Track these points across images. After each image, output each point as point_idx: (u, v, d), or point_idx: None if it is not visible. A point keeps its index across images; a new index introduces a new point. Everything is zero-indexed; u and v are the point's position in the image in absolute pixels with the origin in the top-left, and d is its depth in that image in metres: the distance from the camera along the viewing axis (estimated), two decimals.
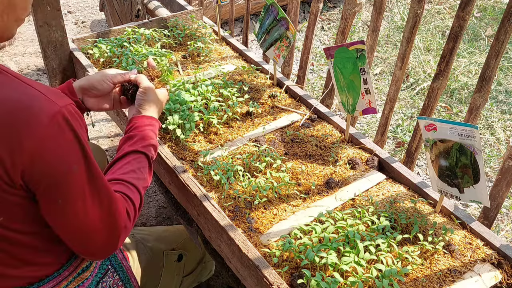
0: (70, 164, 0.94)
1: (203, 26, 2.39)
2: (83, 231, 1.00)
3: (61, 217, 0.97)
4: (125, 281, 1.30)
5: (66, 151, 0.93)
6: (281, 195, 1.46)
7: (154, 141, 1.29)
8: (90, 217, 0.99)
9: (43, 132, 0.89)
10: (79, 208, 0.97)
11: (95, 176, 0.99)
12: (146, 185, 1.22)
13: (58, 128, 0.91)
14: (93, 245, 1.04)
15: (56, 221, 0.99)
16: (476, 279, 1.22)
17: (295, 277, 1.18)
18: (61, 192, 0.94)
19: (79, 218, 0.98)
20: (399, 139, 3.05)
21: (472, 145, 1.20)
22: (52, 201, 0.95)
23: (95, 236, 1.02)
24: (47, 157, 0.90)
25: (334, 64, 1.55)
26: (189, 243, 1.72)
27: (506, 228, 2.48)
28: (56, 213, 0.97)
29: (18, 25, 0.98)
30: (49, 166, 0.91)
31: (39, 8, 2.00)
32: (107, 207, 1.02)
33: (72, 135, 0.93)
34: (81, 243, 1.03)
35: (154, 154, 1.30)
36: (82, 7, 4.69)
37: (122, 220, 1.06)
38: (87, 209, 0.98)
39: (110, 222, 1.03)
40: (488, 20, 4.19)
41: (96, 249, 1.05)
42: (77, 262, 1.13)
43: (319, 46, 4.06)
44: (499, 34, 1.37)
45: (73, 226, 0.99)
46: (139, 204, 1.16)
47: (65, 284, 1.11)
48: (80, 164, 0.95)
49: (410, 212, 1.38)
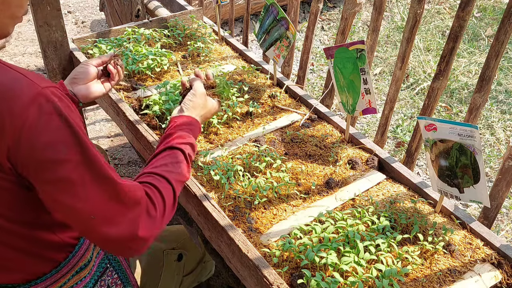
0: (58, 149, 0.89)
1: (203, 26, 2.39)
2: (85, 219, 0.94)
3: (58, 204, 0.93)
4: (123, 280, 1.30)
5: (52, 136, 0.88)
6: (281, 195, 1.46)
7: (191, 140, 1.25)
8: (90, 204, 0.93)
9: (24, 113, 0.85)
10: (75, 196, 0.92)
11: (92, 162, 0.93)
12: (180, 179, 1.15)
13: (40, 111, 0.87)
14: (104, 233, 0.96)
15: (55, 209, 0.95)
16: (476, 279, 1.22)
17: (295, 277, 1.18)
18: (52, 178, 0.90)
19: (77, 206, 0.92)
20: (399, 139, 3.05)
21: (472, 145, 1.20)
22: (45, 187, 0.91)
23: (104, 224, 0.95)
24: (32, 141, 0.86)
25: (334, 64, 1.55)
26: (189, 242, 1.72)
27: (506, 228, 2.48)
28: (52, 200, 0.93)
29: (14, 22, 0.98)
30: (34, 150, 0.87)
31: (39, 8, 2.00)
32: (111, 193, 0.96)
33: (58, 119, 0.89)
34: (89, 231, 0.97)
35: (192, 153, 1.25)
36: (82, 7, 4.69)
37: (139, 208, 1.00)
38: (85, 196, 0.93)
39: (119, 209, 0.97)
40: (488, 20, 4.19)
41: (109, 238, 0.97)
42: (75, 260, 1.13)
43: (319, 46, 4.06)
44: (499, 34, 1.37)
45: (73, 215, 0.94)
46: (171, 195, 1.10)
47: (63, 282, 1.11)
48: (71, 149, 0.90)
49: (410, 212, 1.38)
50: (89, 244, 1.17)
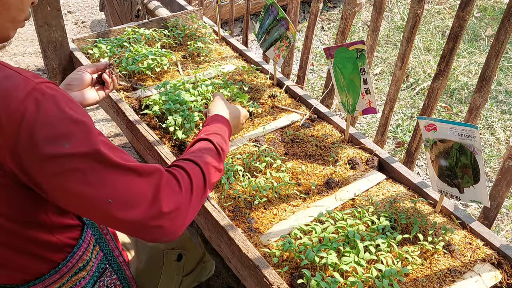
0: (62, 142, 0.86)
1: (203, 26, 2.39)
2: (103, 206, 0.91)
3: (72, 196, 0.90)
4: (122, 281, 1.30)
5: (53, 129, 0.85)
6: (281, 195, 1.46)
7: (219, 131, 1.28)
8: (105, 188, 0.91)
9: (21, 108, 0.84)
10: (88, 184, 0.89)
11: (99, 148, 0.90)
12: (209, 162, 1.15)
13: (37, 104, 0.85)
14: (128, 216, 0.93)
15: (69, 203, 0.92)
16: (476, 279, 1.22)
17: (295, 277, 1.18)
18: (60, 170, 0.87)
19: (91, 194, 0.90)
20: (399, 139, 3.05)
21: (472, 145, 1.20)
22: (54, 181, 0.88)
23: (124, 205, 0.92)
24: (32, 135, 0.84)
25: (334, 64, 1.55)
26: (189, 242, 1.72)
27: (506, 228, 2.48)
28: (64, 193, 0.90)
29: (15, 26, 0.97)
30: (36, 145, 0.85)
31: (39, 8, 2.00)
32: (125, 171, 0.93)
33: (57, 111, 0.87)
34: (111, 218, 0.94)
35: (223, 144, 1.25)
36: (82, 7, 4.69)
37: (156, 177, 0.97)
38: (98, 181, 0.90)
39: (135, 183, 0.94)
40: (488, 20, 4.19)
41: (133, 219, 0.93)
42: (74, 261, 1.13)
43: (319, 46, 4.06)
44: (499, 34, 1.37)
45: (90, 203, 0.91)
46: (199, 174, 1.09)
47: (61, 282, 1.11)
48: (75, 141, 0.87)
49: (410, 212, 1.38)
50: (88, 245, 1.17)
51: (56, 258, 1.09)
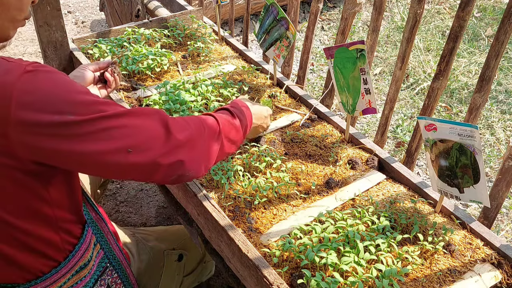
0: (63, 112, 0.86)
1: (203, 26, 2.39)
2: (123, 157, 0.94)
3: (89, 157, 0.91)
4: (123, 279, 1.30)
5: (48, 100, 0.86)
6: (281, 195, 1.46)
7: (241, 104, 1.33)
8: (119, 140, 0.93)
9: (14, 85, 0.84)
10: (99, 141, 0.91)
11: (107, 103, 0.93)
12: (224, 117, 1.20)
13: (30, 78, 0.85)
14: (151, 156, 0.97)
15: (86, 165, 0.94)
16: (476, 279, 1.22)
17: (295, 277, 1.18)
18: (67, 134, 0.88)
19: (108, 149, 0.92)
20: (399, 139, 3.05)
21: (472, 145, 1.20)
22: (63, 145, 0.89)
23: (142, 147, 0.96)
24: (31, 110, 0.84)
25: (334, 64, 1.55)
26: (189, 243, 1.72)
27: (506, 228, 2.48)
28: (78, 157, 0.91)
29: (14, 26, 0.97)
30: (38, 112, 0.85)
31: (39, 8, 2.00)
32: (129, 120, 0.96)
33: (51, 79, 0.87)
34: (133, 167, 0.97)
35: (244, 115, 1.30)
36: (82, 7, 4.69)
37: (157, 114, 1.01)
38: (109, 136, 0.92)
39: (143, 124, 0.97)
40: (488, 20, 4.19)
41: (156, 156, 0.97)
42: (75, 260, 1.13)
43: (319, 46, 4.06)
44: (499, 34, 1.37)
45: (109, 160, 0.93)
46: (212, 120, 1.15)
47: (62, 281, 1.11)
48: (73, 105, 0.88)
49: (410, 212, 1.38)
50: (88, 244, 1.17)
51: (58, 256, 1.09)
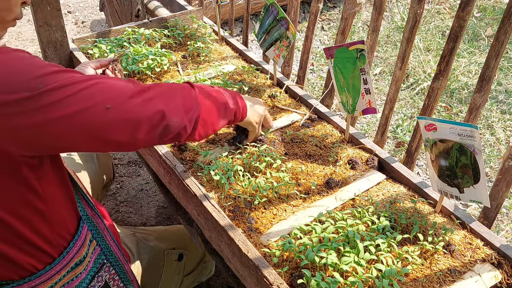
0: (26, 86, 0.87)
1: (203, 26, 2.39)
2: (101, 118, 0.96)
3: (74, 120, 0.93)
4: (121, 276, 1.30)
5: (12, 79, 0.86)
6: (281, 195, 1.46)
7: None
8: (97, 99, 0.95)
9: None
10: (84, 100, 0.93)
11: (74, 71, 0.95)
12: (209, 91, 1.26)
13: (7, 55, 0.87)
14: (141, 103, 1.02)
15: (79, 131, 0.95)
16: (476, 279, 1.22)
17: (295, 277, 1.18)
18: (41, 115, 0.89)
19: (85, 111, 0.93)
20: (399, 139, 3.05)
21: (472, 145, 1.20)
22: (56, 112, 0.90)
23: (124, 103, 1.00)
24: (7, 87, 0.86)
25: (334, 64, 1.55)
26: (189, 242, 1.72)
27: (506, 228, 2.49)
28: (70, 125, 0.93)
29: (3, 27, 0.97)
30: (3, 104, 0.85)
31: (39, 8, 2.00)
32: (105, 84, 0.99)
33: (11, 61, 0.88)
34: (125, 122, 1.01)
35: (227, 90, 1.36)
36: (82, 7, 4.69)
37: (134, 83, 1.05)
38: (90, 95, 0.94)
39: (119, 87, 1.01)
40: (488, 20, 4.19)
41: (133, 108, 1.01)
42: (69, 256, 1.13)
43: (319, 46, 4.06)
44: (499, 34, 1.37)
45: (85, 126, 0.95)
46: (182, 85, 1.20)
47: (57, 278, 1.11)
48: (47, 80, 0.89)
49: (410, 212, 1.38)
50: (84, 240, 1.17)
51: (52, 253, 1.09)
